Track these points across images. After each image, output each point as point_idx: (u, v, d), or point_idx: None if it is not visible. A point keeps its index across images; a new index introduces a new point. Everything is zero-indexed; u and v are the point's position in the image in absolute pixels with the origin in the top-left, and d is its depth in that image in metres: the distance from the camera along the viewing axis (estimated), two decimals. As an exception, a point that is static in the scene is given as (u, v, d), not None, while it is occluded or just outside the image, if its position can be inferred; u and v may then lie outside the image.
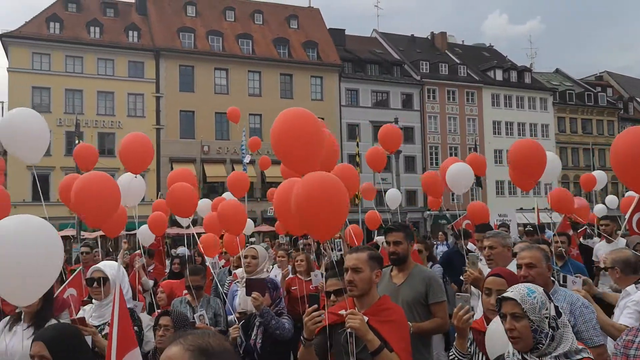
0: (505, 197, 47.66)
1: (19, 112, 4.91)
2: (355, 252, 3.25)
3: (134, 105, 39.54)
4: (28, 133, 4.77)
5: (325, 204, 3.23)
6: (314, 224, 3.34)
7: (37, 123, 4.88)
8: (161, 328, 3.95)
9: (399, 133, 8.30)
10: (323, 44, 46.71)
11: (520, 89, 52.89)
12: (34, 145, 4.85)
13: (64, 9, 40.67)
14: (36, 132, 4.84)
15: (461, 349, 3.15)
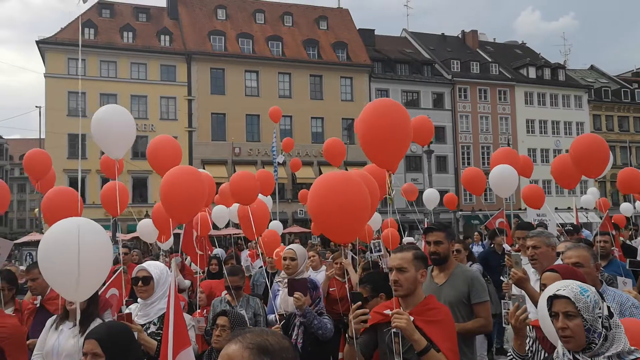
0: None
1: (108, 109, 5.03)
2: (400, 252, 3.23)
3: (166, 108, 40.11)
4: (116, 130, 4.90)
5: (342, 206, 3.21)
6: (329, 227, 3.31)
7: (125, 120, 5.02)
8: (218, 328, 3.98)
9: (431, 124, 8.09)
10: (353, 45, 46.66)
11: (554, 87, 51.93)
12: (120, 141, 4.98)
13: (98, 14, 41.49)
14: (123, 129, 4.97)
15: (519, 351, 3.06)
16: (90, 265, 2.80)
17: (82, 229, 2.82)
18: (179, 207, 4.50)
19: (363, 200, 3.36)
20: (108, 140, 4.99)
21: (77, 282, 2.76)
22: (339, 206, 3.21)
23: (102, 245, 2.91)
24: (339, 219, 3.23)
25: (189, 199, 4.50)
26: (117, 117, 5.01)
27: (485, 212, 42.41)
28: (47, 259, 2.83)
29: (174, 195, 4.48)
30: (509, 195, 7.16)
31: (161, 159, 5.74)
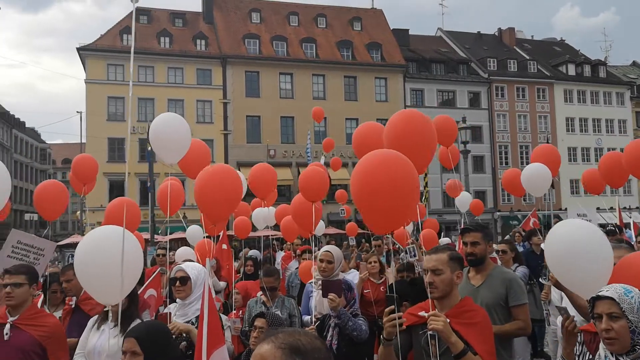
0: (580, 197, 45.72)
1: (166, 117, 5.21)
2: (434, 253, 3.18)
3: (202, 111, 40.66)
4: (172, 136, 5.04)
5: (392, 185, 3.07)
6: (375, 209, 3.15)
7: (182, 128, 5.12)
8: (256, 329, 4.00)
9: (454, 124, 7.92)
10: (387, 45, 46.45)
11: (594, 84, 50.69)
12: (176, 147, 5.11)
13: (136, 21, 42.26)
14: (179, 136, 5.09)
15: (568, 359, 2.99)
16: (118, 271, 2.87)
17: (107, 237, 2.89)
18: (214, 206, 4.57)
19: (413, 179, 3.21)
20: (164, 148, 5.15)
21: (105, 286, 2.85)
22: (389, 185, 3.05)
23: (130, 253, 2.98)
24: (388, 200, 3.06)
25: (225, 198, 4.57)
26: (174, 125, 5.17)
27: (524, 212, 41.68)
28: (82, 264, 2.91)
29: (208, 194, 4.55)
30: (541, 195, 7.04)
31: (190, 162, 5.85)
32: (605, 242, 3.00)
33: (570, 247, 2.97)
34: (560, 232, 3.09)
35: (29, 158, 71.55)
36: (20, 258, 5.39)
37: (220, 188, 4.58)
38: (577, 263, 2.93)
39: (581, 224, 3.14)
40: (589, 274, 2.91)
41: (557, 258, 3.07)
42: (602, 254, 2.95)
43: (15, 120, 67.42)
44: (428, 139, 4.03)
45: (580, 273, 2.93)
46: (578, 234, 3.00)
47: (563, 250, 3.00)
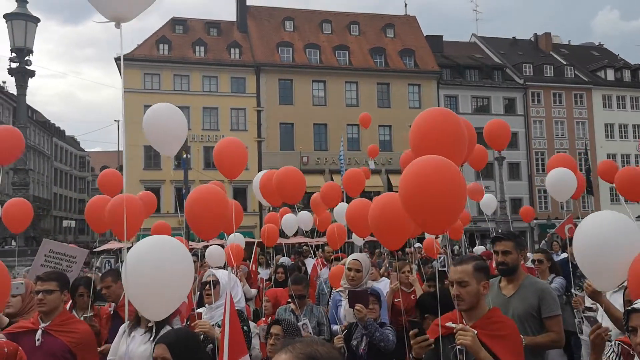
0: (620, 205, 44.55)
1: (159, 107, 5.20)
2: (459, 265, 3.12)
3: (236, 119, 41.07)
4: (167, 127, 5.04)
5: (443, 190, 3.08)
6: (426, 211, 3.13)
7: (176, 117, 5.15)
8: (272, 337, 4.01)
9: (507, 127, 7.80)
10: (420, 52, 46.20)
11: (635, 89, 49.39)
12: (170, 138, 5.10)
13: (172, 31, 43.10)
14: (174, 126, 5.12)
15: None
16: (169, 286, 2.86)
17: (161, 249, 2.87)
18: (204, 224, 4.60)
19: (462, 185, 3.24)
20: (159, 138, 5.14)
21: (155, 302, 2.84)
22: (440, 189, 3.08)
23: (182, 266, 2.98)
24: (439, 203, 3.08)
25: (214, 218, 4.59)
26: (168, 115, 5.14)
27: (562, 220, 40.67)
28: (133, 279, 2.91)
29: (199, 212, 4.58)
30: (566, 199, 6.91)
31: (226, 161, 5.82)
32: (636, 234, 3.00)
33: (599, 235, 3.02)
34: (590, 221, 3.16)
35: (69, 166, 73.36)
36: (53, 266, 5.52)
37: (209, 208, 4.58)
38: (604, 252, 2.97)
39: (612, 215, 3.16)
40: (615, 264, 2.95)
41: (584, 247, 3.14)
42: (632, 245, 2.94)
43: (56, 129, 69.24)
44: (458, 138, 3.97)
45: (606, 262, 2.97)
46: (607, 223, 3.07)
47: (591, 238, 3.07)
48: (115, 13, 2.64)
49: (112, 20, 2.65)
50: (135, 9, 2.73)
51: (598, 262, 3.03)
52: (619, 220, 3.06)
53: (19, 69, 9.38)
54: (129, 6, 2.69)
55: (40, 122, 62.80)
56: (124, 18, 2.68)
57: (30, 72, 9.59)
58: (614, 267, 2.96)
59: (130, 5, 2.69)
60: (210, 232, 4.81)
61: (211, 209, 4.65)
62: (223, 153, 5.74)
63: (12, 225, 7.24)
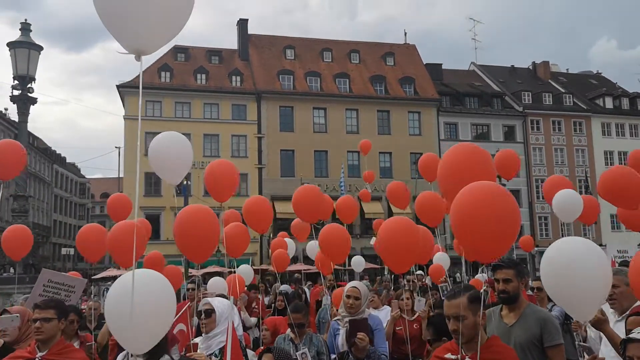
0: (622, 232, 44.36)
1: (166, 136, 5.18)
2: (453, 298, 3.06)
3: (237, 146, 41.21)
4: (172, 156, 5.03)
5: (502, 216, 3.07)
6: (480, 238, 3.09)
7: (182, 147, 5.13)
8: None
9: (516, 156, 7.85)
10: (420, 79, 46.59)
11: (633, 117, 49.66)
12: (175, 167, 5.08)
13: (174, 58, 43.54)
14: (179, 155, 5.11)
15: None
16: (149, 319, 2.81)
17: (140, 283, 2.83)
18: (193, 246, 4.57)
19: (517, 212, 3.26)
20: (164, 166, 5.13)
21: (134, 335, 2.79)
22: (498, 216, 3.07)
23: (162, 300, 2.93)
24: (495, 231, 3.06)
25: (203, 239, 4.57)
26: (174, 144, 5.14)
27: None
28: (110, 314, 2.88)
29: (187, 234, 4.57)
30: (572, 220, 6.93)
31: (215, 184, 5.83)
32: (600, 257, 2.96)
33: (564, 265, 2.95)
34: (556, 248, 3.07)
35: (69, 192, 73.37)
36: (52, 296, 5.52)
37: (199, 228, 4.58)
38: (569, 280, 2.90)
39: (578, 241, 3.08)
40: (584, 292, 2.89)
41: (550, 278, 3.06)
42: (599, 273, 2.89)
43: (57, 156, 69.44)
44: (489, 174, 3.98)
45: (574, 291, 2.90)
46: (573, 251, 2.98)
47: (556, 269, 3.00)
48: (137, 46, 2.68)
49: (133, 53, 2.69)
50: (156, 43, 2.78)
51: (567, 293, 2.97)
52: (583, 247, 2.99)
53: (20, 96, 9.44)
54: (150, 40, 2.74)
55: (41, 149, 63.01)
56: (145, 51, 2.72)
57: (32, 99, 9.65)
58: (585, 296, 2.90)
59: (151, 39, 2.73)
60: (200, 255, 4.78)
61: (200, 230, 4.63)
62: (213, 175, 5.77)
63: (12, 253, 7.22)
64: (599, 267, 2.90)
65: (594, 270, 2.88)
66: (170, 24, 2.76)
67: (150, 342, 2.86)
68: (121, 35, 2.69)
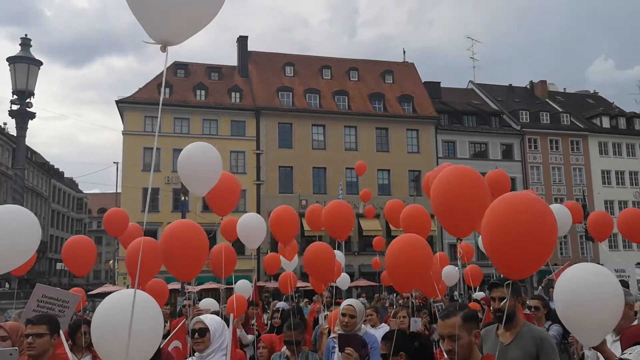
0: (619, 251, 44.35)
1: (196, 147, 5.10)
2: (447, 318, 3.01)
3: (235, 162, 41.23)
4: (200, 167, 4.97)
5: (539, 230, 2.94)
6: (514, 253, 2.97)
7: (211, 158, 5.06)
8: None
9: (506, 177, 7.88)
10: (418, 97, 46.82)
11: (630, 136, 49.88)
12: (204, 179, 5.03)
13: (174, 74, 43.74)
14: (208, 167, 5.03)
15: None
16: (135, 342, 2.74)
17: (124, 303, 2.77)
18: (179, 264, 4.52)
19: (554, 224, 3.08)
20: (192, 177, 5.08)
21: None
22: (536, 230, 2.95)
23: (149, 322, 2.84)
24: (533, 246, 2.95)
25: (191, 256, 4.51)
26: (204, 154, 5.09)
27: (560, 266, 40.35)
28: (96, 333, 2.81)
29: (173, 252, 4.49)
30: (562, 235, 6.99)
31: (218, 198, 5.78)
32: (617, 288, 2.90)
33: (578, 290, 2.89)
34: (570, 276, 3.00)
35: (66, 207, 73.21)
36: (45, 311, 5.49)
37: (186, 245, 4.50)
38: (584, 307, 2.85)
39: (592, 268, 3.04)
40: (597, 318, 2.84)
41: (564, 301, 2.99)
42: (612, 300, 2.86)
43: (55, 171, 69.42)
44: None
45: (587, 317, 2.85)
46: (588, 278, 2.92)
47: (571, 293, 2.93)
48: (164, 36, 2.60)
49: (160, 43, 2.61)
50: (183, 33, 2.69)
51: (579, 318, 2.92)
52: (599, 274, 2.94)
53: (19, 111, 9.44)
54: (178, 30, 2.65)
55: (40, 164, 63.00)
56: (172, 42, 2.64)
57: (31, 114, 9.64)
58: (597, 322, 2.86)
59: (178, 29, 2.65)
60: (187, 273, 4.69)
61: (187, 249, 4.52)
62: (214, 187, 5.73)
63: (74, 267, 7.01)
64: (614, 297, 2.87)
65: (609, 300, 2.85)
66: (200, 14, 2.68)
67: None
68: (148, 24, 2.60)
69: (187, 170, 4.98)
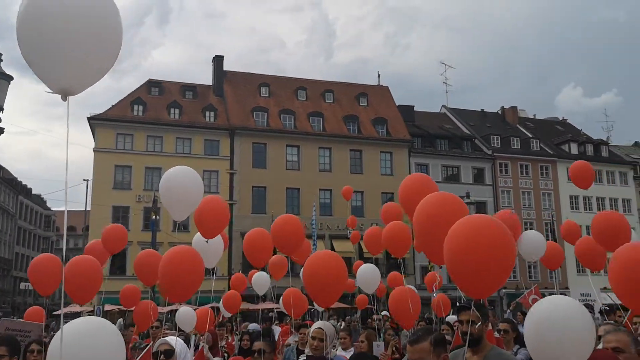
0: (587, 276, 45.01)
1: (177, 171, 5.18)
2: (416, 343, 3.03)
3: (208, 181, 40.91)
4: (182, 192, 5.00)
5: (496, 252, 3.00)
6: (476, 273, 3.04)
7: (193, 184, 5.08)
8: None
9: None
10: (392, 120, 47.31)
11: (597, 163, 50.96)
12: (184, 204, 5.03)
13: (147, 92, 43.48)
14: (188, 192, 5.02)
15: None
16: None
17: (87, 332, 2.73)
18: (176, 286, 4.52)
19: (513, 245, 3.19)
20: (173, 201, 5.08)
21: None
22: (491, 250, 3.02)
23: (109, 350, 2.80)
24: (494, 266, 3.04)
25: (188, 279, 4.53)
26: (186, 179, 5.10)
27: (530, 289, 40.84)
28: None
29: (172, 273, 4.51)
30: (534, 260, 7.23)
31: (206, 221, 5.77)
32: (587, 321, 2.87)
33: (548, 324, 2.85)
34: (539, 309, 2.97)
35: (33, 225, 71.64)
36: None
37: (183, 269, 4.52)
38: (554, 340, 2.81)
39: (562, 301, 3.02)
40: (568, 352, 2.80)
41: (534, 336, 2.93)
42: (582, 333, 2.83)
43: (22, 187, 68.02)
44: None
45: (558, 351, 2.81)
46: (557, 311, 2.88)
47: (541, 327, 2.88)
48: (62, 87, 2.59)
49: (59, 94, 2.59)
50: (82, 83, 2.68)
51: (551, 355, 2.87)
52: (571, 308, 2.91)
53: (-12, 126, 9.28)
54: (76, 81, 2.64)
55: (7, 180, 61.71)
56: (71, 92, 2.63)
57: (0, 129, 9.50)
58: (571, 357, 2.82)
59: (77, 80, 2.64)
60: (184, 294, 4.71)
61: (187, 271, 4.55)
62: (204, 211, 5.71)
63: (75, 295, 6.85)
64: (583, 329, 2.84)
65: (579, 332, 2.82)
66: (97, 65, 2.70)
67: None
68: (46, 76, 2.61)
69: (170, 195, 5.00)
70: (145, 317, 7.60)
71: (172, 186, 4.98)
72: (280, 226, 6.25)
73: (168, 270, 4.53)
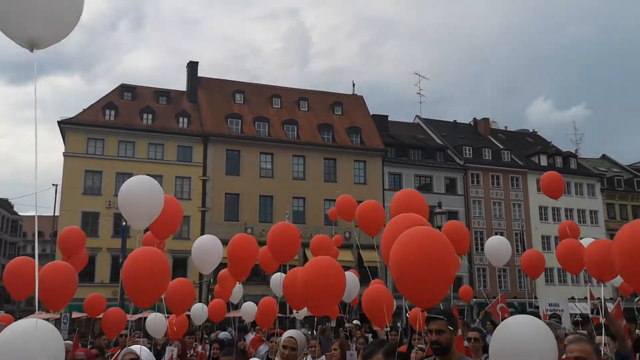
0: (555, 286, 45.86)
1: (137, 180, 5.10)
2: (369, 357, 3.09)
3: (181, 188, 40.56)
4: (141, 200, 4.93)
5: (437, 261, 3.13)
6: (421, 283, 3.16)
7: (153, 192, 5.02)
8: None
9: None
10: (366, 130, 47.58)
11: (566, 175, 51.75)
12: (144, 212, 4.98)
13: (120, 97, 42.99)
14: (148, 201, 4.97)
15: None
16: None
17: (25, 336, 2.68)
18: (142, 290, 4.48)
19: (453, 256, 3.33)
20: (132, 210, 5.03)
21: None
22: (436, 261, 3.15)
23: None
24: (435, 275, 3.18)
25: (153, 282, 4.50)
26: (144, 188, 5.05)
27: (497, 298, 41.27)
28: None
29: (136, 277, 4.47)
30: (502, 265, 7.33)
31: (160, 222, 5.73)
32: (549, 340, 2.89)
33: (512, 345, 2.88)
34: (505, 332, 2.98)
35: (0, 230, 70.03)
36: None
37: (148, 272, 4.48)
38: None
39: (527, 323, 3.02)
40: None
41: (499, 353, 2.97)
42: (544, 352, 2.85)
43: (-11, 191, 66.48)
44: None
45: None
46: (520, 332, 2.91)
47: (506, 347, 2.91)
48: (30, 37, 2.39)
49: (26, 45, 2.39)
50: (49, 35, 2.49)
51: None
52: (533, 328, 2.93)
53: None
54: (44, 31, 2.44)
55: (-26, 183, 60.25)
56: (38, 43, 2.42)
57: (-32, 132, 9.32)
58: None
59: (44, 30, 2.44)
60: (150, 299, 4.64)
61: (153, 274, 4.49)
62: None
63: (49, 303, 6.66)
64: (544, 348, 2.86)
65: (540, 351, 2.85)
66: (64, 18, 2.56)
67: None
68: (10, 26, 2.43)
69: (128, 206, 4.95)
70: (114, 325, 7.50)
71: (129, 197, 4.94)
72: (277, 234, 6.30)
73: (131, 274, 4.48)
